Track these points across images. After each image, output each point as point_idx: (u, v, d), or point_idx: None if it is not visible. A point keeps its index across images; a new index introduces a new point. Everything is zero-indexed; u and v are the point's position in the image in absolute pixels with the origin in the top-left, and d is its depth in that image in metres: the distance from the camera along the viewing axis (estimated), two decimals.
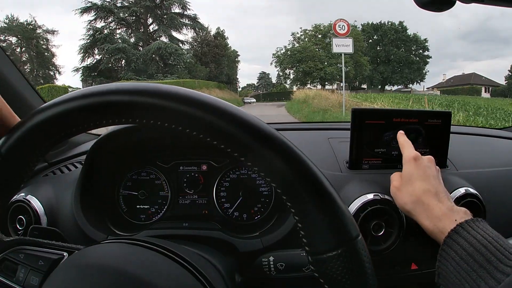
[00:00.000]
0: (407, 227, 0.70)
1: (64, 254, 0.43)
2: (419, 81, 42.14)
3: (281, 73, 42.69)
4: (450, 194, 0.74)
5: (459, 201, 0.73)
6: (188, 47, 38.66)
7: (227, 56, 45.89)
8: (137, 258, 0.39)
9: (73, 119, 0.32)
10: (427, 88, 42.92)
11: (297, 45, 40.40)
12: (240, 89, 57.00)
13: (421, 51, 42.15)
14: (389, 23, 41.63)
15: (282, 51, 42.18)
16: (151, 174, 0.82)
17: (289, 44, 42.36)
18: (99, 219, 0.74)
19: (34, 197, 0.74)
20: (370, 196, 0.70)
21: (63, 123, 0.33)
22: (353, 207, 0.69)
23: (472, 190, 0.75)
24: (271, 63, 39.57)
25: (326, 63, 38.05)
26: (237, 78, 53.23)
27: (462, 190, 0.74)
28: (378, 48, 42.81)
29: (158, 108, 0.31)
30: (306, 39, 40.91)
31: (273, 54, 42.72)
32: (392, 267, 0.75)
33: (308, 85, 39.14)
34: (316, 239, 0.32)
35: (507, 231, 0.83)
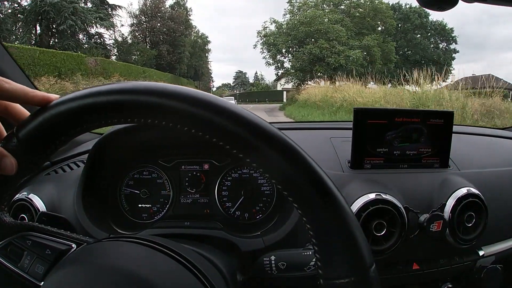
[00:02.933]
0: (408, 227, 0.70)
1: (73, 245, 0.43)
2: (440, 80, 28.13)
3: (271, 61, 26.29)
4: (452, 194, 0.74)
5: (461, 201, 0.72)
6: (134, 21, 26.95)
7: (191, 41, 33.90)
8: (138, 256, 0.39)
9: (93, 115, 0.32)
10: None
11: (298, 18, 24.49)
12: (215, 88, 48.85)
13: (444, 43, 31.08)
14: (408, 6, 29.31)
15: (273, 26, 26.03)
16: (153, 173, 0.82)
17: (284, 15, 25.76)
18: (101, 218, 0.74)
19: (36, 196, 0.74)
20: (372, 196, 0.70)
21: (84, 117, 0.32)
22: (355, 206, 0.69)
23: (474, 190, 0.75)
24: (255, 46, 26.18)
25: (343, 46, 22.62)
26: (211, 77, 44.40)
27: (464, 190, 0.74)
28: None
29: (163, 109, 0.31)
30: (311, 9, 24.40)
31: (259, 32, 25.85)
32: (393, 267, 0.75)
33: (308, 81, 23.86)
34: (330, 264, 0.31)
35: (508, 231, 0.83)
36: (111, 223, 0.76)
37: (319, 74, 23.06)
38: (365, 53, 22.83)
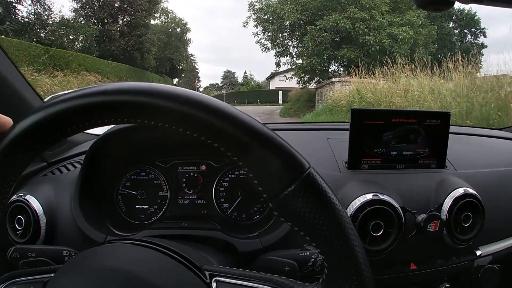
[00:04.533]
0: (406, 227, 0.70)
1: (52, 275, 0.44)
2: None
3: (268, 45, 17.61)
4: (449, 194, 0.74)
5: (458, 201, 0.73)
6: None
7: (164, 26, 27.53)
8: (136, 258, 0.39)
9: (67, 120, 0.32)
10: None
11: None
12: (202, 89, 43.18)
13: (469, 35, 24.59)
14: None
15: None
16: (150, 174, 0.82)
17: None
18: (98, 219, 0.74)
19: (33, 197, 0.74)
20: (369, 196, 0.70)
21: (54, 126, 0.32)
22: (352, 207, 0.69)
23: (471, 190, 0.75)
24: (246, 24, 17.80)
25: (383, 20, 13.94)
26: (198, 76, 38.60)
27: (461, 190, 0.74)
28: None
29: (149, 108, 0.31)
30: None
31: (251, 4, 17.59)
32: (391, 267, 0.75)
33: (317, 78, 16.33)
34: (267, 182, 0.32)
35: (505, 231, 0.83)
36: (108, 224, 0.75)
37: (345, 61, 13.91)
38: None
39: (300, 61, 16.71)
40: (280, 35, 17.24)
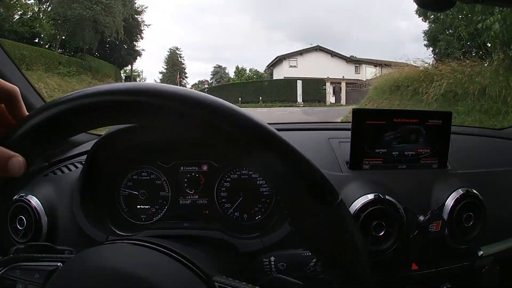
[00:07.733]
0: (407, 228, 0.70)
1: (59, 264, 0.45)
2: None
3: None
4: (451, 194, 0.74)
5: (459, 201, 0.73)
6: None
7: None
8: (138, 258, 0.39)
9: (69, 120, 0.32)
10: None
11: None
12: (190, 86, 34.45)
13: None
14: None
15: None
16: (152, 174, 0.82)
17: None
18: (100, 219, 0.74)
19: (34, 197, 0.74)
20: (370, 197, 0.70)
21: (64, 124, 0.32)
22: (354, 207, 0.69)
23: (472, 191, 0.75)
24: None
25: None
26: (185, 72, 30.01)
27: (462, 191, 0.74)
28: None
29: (154, 107, 0.30)
30: None
31: None
32: (392, 267, 0.75)
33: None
34: (294, 205, 0.32)
35: (507, 231, 0.83)
36: (109, 224, 0.76)
37: None
38: None
39: None
40: None
